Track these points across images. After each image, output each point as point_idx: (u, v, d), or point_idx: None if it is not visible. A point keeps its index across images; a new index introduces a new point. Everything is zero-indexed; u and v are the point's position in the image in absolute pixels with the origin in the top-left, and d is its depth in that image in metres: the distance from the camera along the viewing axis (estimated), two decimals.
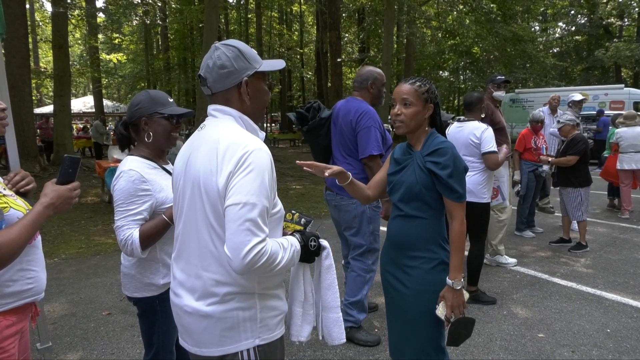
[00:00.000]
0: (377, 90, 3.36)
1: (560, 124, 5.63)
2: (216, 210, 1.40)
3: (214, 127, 1.50)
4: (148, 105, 2.00)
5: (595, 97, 16.82)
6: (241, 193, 1.34)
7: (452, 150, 1.95)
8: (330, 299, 1.74)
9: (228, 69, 1.49)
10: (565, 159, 5.47)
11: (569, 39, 33.50)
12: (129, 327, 3.70)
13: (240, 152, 1.38)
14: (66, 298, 4.33)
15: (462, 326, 1.96)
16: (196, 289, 1.46)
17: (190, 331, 1.49)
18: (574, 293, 4.30)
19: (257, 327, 1.46)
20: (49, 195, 1.51)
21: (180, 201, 1.54)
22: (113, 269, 5.17)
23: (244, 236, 1.31)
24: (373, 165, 3.16)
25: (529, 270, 4.94)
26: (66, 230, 6.95)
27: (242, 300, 1.44)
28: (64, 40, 13.47)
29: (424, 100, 2.00)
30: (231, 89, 1.52)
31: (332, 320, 1.74)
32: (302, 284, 1.70)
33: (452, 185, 1.92)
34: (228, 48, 1.51)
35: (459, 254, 1.94)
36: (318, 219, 7.67)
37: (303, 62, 35.31)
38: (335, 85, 19.37)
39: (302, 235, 1.62)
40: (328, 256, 1.73)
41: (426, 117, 2.02)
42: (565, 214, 5.73)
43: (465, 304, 1.95)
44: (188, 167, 1.51)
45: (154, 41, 31.17)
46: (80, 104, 27.54)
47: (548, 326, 3.63)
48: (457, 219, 1.95)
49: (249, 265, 1.31)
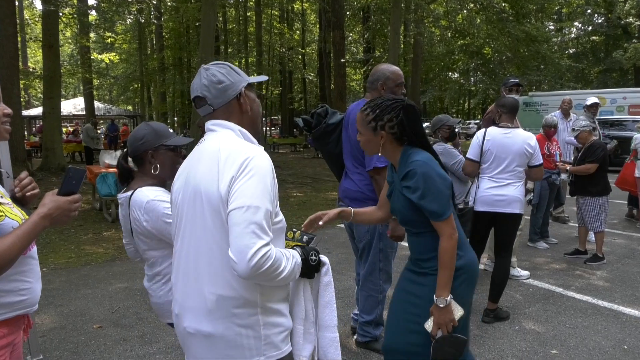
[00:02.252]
0: (388, 91, 3.19)
1: (577, 131, 5.65)
2: (219, 219, 1.45)
3: (213, 139, 1.58)
4: (153, 138, 2.13)
5: (613, 101, 16.84)
6: (245, 196, 1.39)
7: (422, 168, 1.95)
8: (328, 317, 1.77)
9: (225, 83, 1.60)
10: (584, 167, 5.49)
11: (586, 40, 33.61)
12: (121, 341, 3.73)
13: (241, 158, 1.45)
14: (55, 310, 4.36)
15: (448, 344, 1.98)
16: (197, 307, 1.50)
17: (192, 352, 1.54)
18: (590, 307, 4.31)
19: (261, 344, 1.49)
20: (47, 206, 1.52)
21: (179, 218, 1.60)
22: (104, 280, 5.20)
23: (249, 239, 1.35)
24: (379, 178, 3.05)
25: (542, 283, 4.95)
26: (55, 239, 6.99)
27: (244, 316, 1.48)
28: (54, 39, 13.59)
29: (372, 129, 2.03)
30: (232, 102, 1.62)
31: (329, 341, 1.77)
32: (302, 300, 1.71)
33: (425, 207, 1.96)
34: (219, 66, 1.64)
35: (447, 271, 1.97)
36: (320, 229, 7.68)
37: (305, 63, 35.45)
38: (339, 87, 19.44)
39: (303, 249, 1.67)
40: (327, 272, 1.76)
41: (382, 144, 2.04)
42: (582, 224, 5.74)
43: (454, 321, 1.98)
44: (187, 182, 1.58)
45: (148, 40, 31.34)
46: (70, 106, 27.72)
47: (562, 342, 3.64)
48: (443, 235, 1.98)
49: (254, 268, 1.35)
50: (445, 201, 1.97)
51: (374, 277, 3.34)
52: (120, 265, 5.78)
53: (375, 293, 3.38)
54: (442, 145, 4.62)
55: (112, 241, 6.93)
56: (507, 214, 3.86)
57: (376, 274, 3.34)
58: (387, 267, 3.36)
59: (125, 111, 34.70)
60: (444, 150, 4.55)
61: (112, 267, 5.69)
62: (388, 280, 3.40)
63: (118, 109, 32.79)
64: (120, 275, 5.35)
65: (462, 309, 2.01)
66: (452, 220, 1.99)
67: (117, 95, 37.69)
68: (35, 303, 1.69)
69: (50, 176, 12.23)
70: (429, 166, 1.97)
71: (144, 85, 31.17)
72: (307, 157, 20.65)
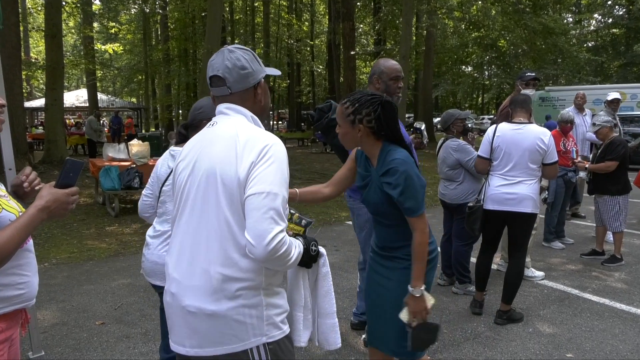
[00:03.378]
0: (383, 85, 3.30)
1: (597, 127, 5.60)
2: (233, 201, 1.52)
3: (228, 123, 1.65)
4: (209, 110, 2.34)
5: (634, 97, 16.67)
6: (265, 182, 1.49)
7: (402, 166, 2.09)
8: (327, 305, 1.93)
9: (248, 70, 1.68)
10: (604, 164, 5.44)
11: (605, 32, 33.25)
12: (124, 338, 3.76)
13: (261, 144, 1.54)
14: (57, 306, 4.40)
15: (424, 332, 2.17)
16: (201, 286, 1.54)
17: (192, 332, 1.56)
18: (607, 310, 4.28)
19: (263, 324, 1.56)
20: (45, 198, 1.53)
21: (183, 198, 1.64)
22: (107, 275, 5.24)
23: (267, 224, 1.45)
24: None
25: (557, 284, 4.92)
26: (57, 234, 7.05)
27: (248, 297, 1.54)
28: (57, 29, 13.64)
29: (350, 122, 2.15)
30: (249, 89, 1.71)
31: (329, 326, 1.93)
32: (302, 288, 1.85)
33: (403, 203, 2.11)
34: (244, 51, 1.70)
35: (420, 263, 2.15)
36: (327, 226, 7.70)
37: (313, 55, 35.40)
38: (348, 81, 19.39)
39: (304, 239, 1.77)
40: (325, 263, 1.91)
41: (361, 136, 2.16)
42: (601, 223, 5.70)
43: (428, 310, 2.15)
44: (198, 163, 1.62)
45: (152, 31, 31.38)
46: (73, 97, 27.88)
47: (578, 346, 3.62)
48: (416, 230, 2.14)
49: (272, 252, 1.44)
50: (421, 199, 2.14)
51: None
52: (124, 260, 5.82)
53: None
54: (455, 141, 4.59)
55: (115, 236, 6.98)
56: (519, 213, 3.82)
57: None
58: None
59: (129, 103, 34.84)
60: (458, 147, 4.53)
61: (115, 263, 5.73)
62: None
63: (122, 101, 32.92)
64: (124, 271, 5.39)
65: (433, 298, 2.19)
66: (425, 217, 2.16)
67: (121, 87, 37.85)
68: (33, 297, 1.71)
69: (52, 169, 12.32)
70: (408, 165, 2.11)
71: (149, 76, 31.24)
72: (315, 152, 20.64)
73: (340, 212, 8.54)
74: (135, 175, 8.17)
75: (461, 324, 3.99)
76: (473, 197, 4.41)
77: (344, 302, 4.34)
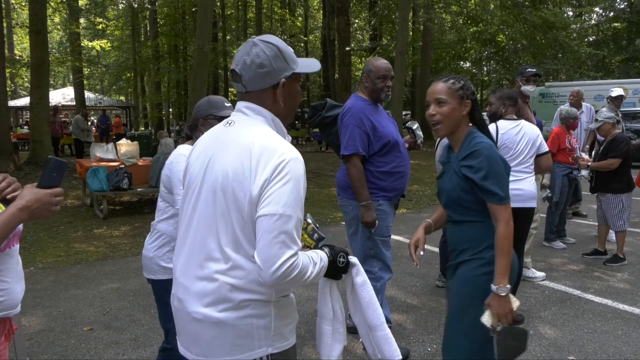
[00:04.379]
0: (371, 84, 3.43)
1: (599, 122, 5.61)
2: (242, 215, 1.49)
3: (245, 126, 1.58)
4: (205, 108, 2.51)
5: (636, 92, 16.74)
6: (278, 204, 1.43)
7: (487, 150, 2.05)
8: (373, 316, 1.82)
9: (267, 68, 1.57)
10: (607, 162, 5.46)
11: (607, 26, 33.39)
12: (113, 344, 3.74)
13: (277, 160, 1.47)
14: (43, 311, 4.38)
15: (510, 337, 2.00)
16: (208, 293, 1.52)
17: (197, 339, 1.56)
18: (610, 311, 4.30)
19: (270, 335, 1.55)
20: (25, 198, 1.49)
21: (195, 198, 1.60)
22: (95, 279, 5.22)
23: (277, 249, 1.41)
24: (349, 166, 3.34)
25: (559, 285, 4.94)
26: (43, 237, 7.02)
27: (257, 307, 1.52)
28: (42, 25, 13.55)
29: (459, 97, 2.13)
30: (267, 90, 1.61)
31: (381, 339, 1.83)
32: (329, 300, 1.81)
33: (488, 188, 2.03)
34: (267, 46, 1.58)
35: (505, 258, 2.01)
36: (323, 227, 7.69)
37: (308, 51, 35.36)
38: (344, 77, 19.42)
39: (332, 250, 1.72)
40: (359, 273, 1.81)
41: (464, 115, 2.16)
42: (603, 222, 5.72)
43: (514, 312, 2.00)
44: (211, 164, 1.58)
45: (141, 27, 31.29)
46: (59, 96, 27.72)
47: (580, 348, 3.64)
48: (501, 221, 2.03)
49: (280, 278, 1.41)
50: (506, 186, 2.06)
51: (368, 265, 3.46)
52: (112, 264, 5.80)
53: (373, 282, 3.39)
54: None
55: (104, 239, 6.95)
56: (525, 209, 3.91)
57: (369, 261, 3.47)
58: (380, 254, 3.48)
59: (117, 102, 34.74)
60: (443, 142, 4.58)
61: (104, 266, 5.71)
62: (385, 269, 3.52)
63: (110, 100, 32.82)
64: (112, 275, 5.37)
65: (518, 300, 2.04)
66: (510, 207, 2.05)
67: (109, 84, 37.69)
68: (16, 306, 1.67)
69: (38, 170, 12.23)
70: (493, 149, 2.07)
71: (137, 74, 31.12)
72: (310, 151, 20.63)
73: (336, 212, 8.54)
74: (124, 175, 8.15)
75: None
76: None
77: None
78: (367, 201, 3.31)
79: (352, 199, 3.43)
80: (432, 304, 4.50)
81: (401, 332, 3.89)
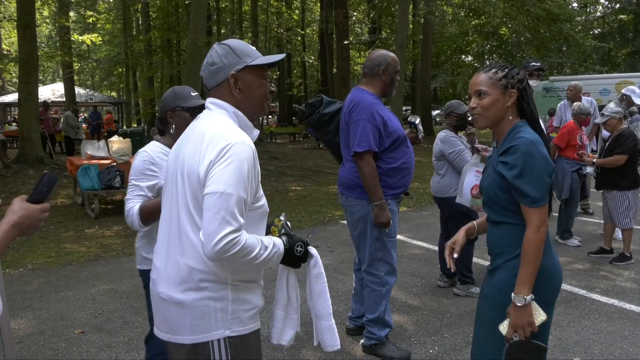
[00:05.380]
0: (389, 78, 3.38)
1: (606, 117, 5.62)
2: (196, 197, 1.65)
3: (205, 119, 1.78)
4: (172, 100, 2.55)
5: None
6: (220, 182, 1.58)
7: (526, 146, 1.93)
8: (321, 307, 2.00)
9: (217, 65, 1.77)
10: (613, 158, 5.46)
11: (613, 18, 33.46)
12: (105, 347, 3.74)
13: (223, 143, 1.62)
14: (33, 314, 4.37)
15: (524, 351, 1.93)
16: (172, 275, 1.70)
17: (164, 318, 1.74)
18: (616, 311, 4.31)
19: (228, 318, 1.68)
20: (17, 214, 1.51)
21: (168, 187, 1.81)
22: (86, 281, 5.21)
23: (217, 224, 1.54)
24: (361, 163, 3.25)
25: (563, 284, 4.93)
26: (33, 237, 7.00)
27: (214, 290, 1.67)
28: (30, 18, 13.51)
29: (502, 87, 2.03)
30: (222, 84, 1.79)
31: (325, 328, 2.01)
32: (284, 287, 1.97)
33: (519, 188, 1.93)
34: (220, 46, 1.80)
35: (529, 266, 1.92)
36: (321, 226, 7.70)
37: (305, 45, 35.34)
38: (342, 72, 19.39)
39: (290, 239, 1.84)
40: (316, 264, 1.97)
41: (508, 106, 2.04)
42: (609, 220, 5.73)
43: (534, 325, 1.92)
44: (177, 156, 1.78)
45: (133, 20, 31.23)
46: (48, 92, 27.68)
47: (585, 349, 3.64)
48: (530, 225, 1.94)
49: (219, 252, 1.54)
50: (543, 188, 1.94)
51: (374, 268, 3.44)
52: (104, 265, 5.79)
53: (378, 286, 3.46)
54: (444, 132, 4.69)
55: (96, 239, 6.94)
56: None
57: (376, 264, 3.43)
58: (387, 257, 3.44)
59: (108, 97, 34.67)
60: (445, 138, 4.62)
61: (96, 267, 5.70)
62: (391, 273, 3.48)
63: (101, 95, 32.74)
64: (104, 276, 5.36)
65: (545, 314, 1.95)
66: (545, 211, 1.95)
67: (100, 80, 37.65)
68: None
69: (27, 168, 12.21)
70: (534, 146, 1.94)
71: (129, 69, 31.07)
72: (308, 148, 20.64)
73: (335, 210, 8.54)
74: (116, 174, 8.13)
75: (463, 327, 4.00)
76: (454, 192, 4.44)
77: (339, 306, 4.34)
78: (382, 200, 3.25)
79: (359, 199, 3.36)
80: (434, 304, 4.50)
81: (402, 334, 3.90)
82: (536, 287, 1.95)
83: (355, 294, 3.85)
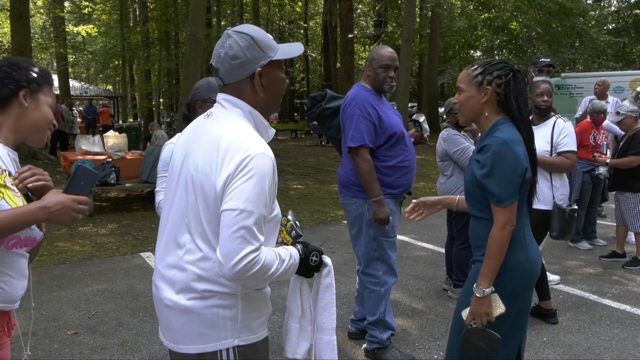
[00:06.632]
0: (373, 73, 3.41)
1: (621, 116, 5.60)
2: (209, 208, 1.58)
3: (220, 120, 1.67)
4: (204, 91, 2.63)
5: None
6: (239, 199, 1.51)
7: (498, 146, 2.04)
8: (326, 320, 1.93)
9: (240, 59, 1.64)
10: (628, 159, 5.44)
11: (627, 13, 33.31)
12: (99, 349, 3.75)
13: (241, 155, 1.54)
14: (25, 314, 4.37)
15: (479, 338, 2.11)
16: (177, 281, 1.64)
17: (168, 325, 1.69)
18: (628, 317, 4.30)
19: (237, 327, 1.64)
20: (47, 199, 1.58)
21: (173, 189, 1.72)
22: (80, 280, 5.22)
23: (237, 244, 1.49)
24: (357, 160, 3.29)
25: (574, 289, 4.94)
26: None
27: (223, 298, 1.62)
28: (23, 8, 13.55)
29: (477, 84, 2.13)
30: (244, 81, 1.68)
31: (325, 343, 1.94)
32: (299, 298, 1.92)
33: (487, 187, 2.07)
34: (240, 36, 1.65)
35: (490, 261, 2.08)
36: (323, 226, 7.70)
37: (308, 39, 35.31)
38: (346, 67, 19.39)
39: (305, 248, 1.80)
40: (329, 274, 1.91)
41: (484, 103, 2.14)
42: (621, 223, 5.72)
43: (491, 315, 2.09)
44: (187, 156, 1.69)
45: (130, 11, 31.22)
46: None
47: (596, 356, 3.64)
48: (496, 223, 2.08)
49: (239, 273, 1.49)
50: (511, 188, 2.04)
51: (372, 268, 3.46)
52: (99, 264, 5.80)
53: (377, 287, 3.47)
54: (447, 131, 4.69)
55: (90, 237, 6.96)
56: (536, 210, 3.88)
57: (373, 264, 3.45)
58: (385, 256, 3.45)
59: (104, 91, 34.74)
60: (448, 137, 4.61)
61: (89, 267, 5.71)
62: (390, 273, 3.50)
63: (96, 89, 32.82)
64: (98, 276, 5.37)
65: (504, 307, 2.10)
66: (511, 211, 2.07)
67: (96, 73, 37.75)
68: (14, 301, 1.80)
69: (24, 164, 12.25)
70: (506, 146, 2.03)
71: (126, 62, 31.09)
72: (310, 145, 20.65)
73: (337, 210, 8.54)
74: (112, 170, 8.15)
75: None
76: (460, 192, 4.43)
77: (341, 309, 4.34)
78: (379, 196, 3.27)
79: (355, 197, 3.40)
80: (439, 308, 4.50)
81: (406, 338, 3.90)
82: (504, 280, 2.11)
83: (358, 296, 3.86)
